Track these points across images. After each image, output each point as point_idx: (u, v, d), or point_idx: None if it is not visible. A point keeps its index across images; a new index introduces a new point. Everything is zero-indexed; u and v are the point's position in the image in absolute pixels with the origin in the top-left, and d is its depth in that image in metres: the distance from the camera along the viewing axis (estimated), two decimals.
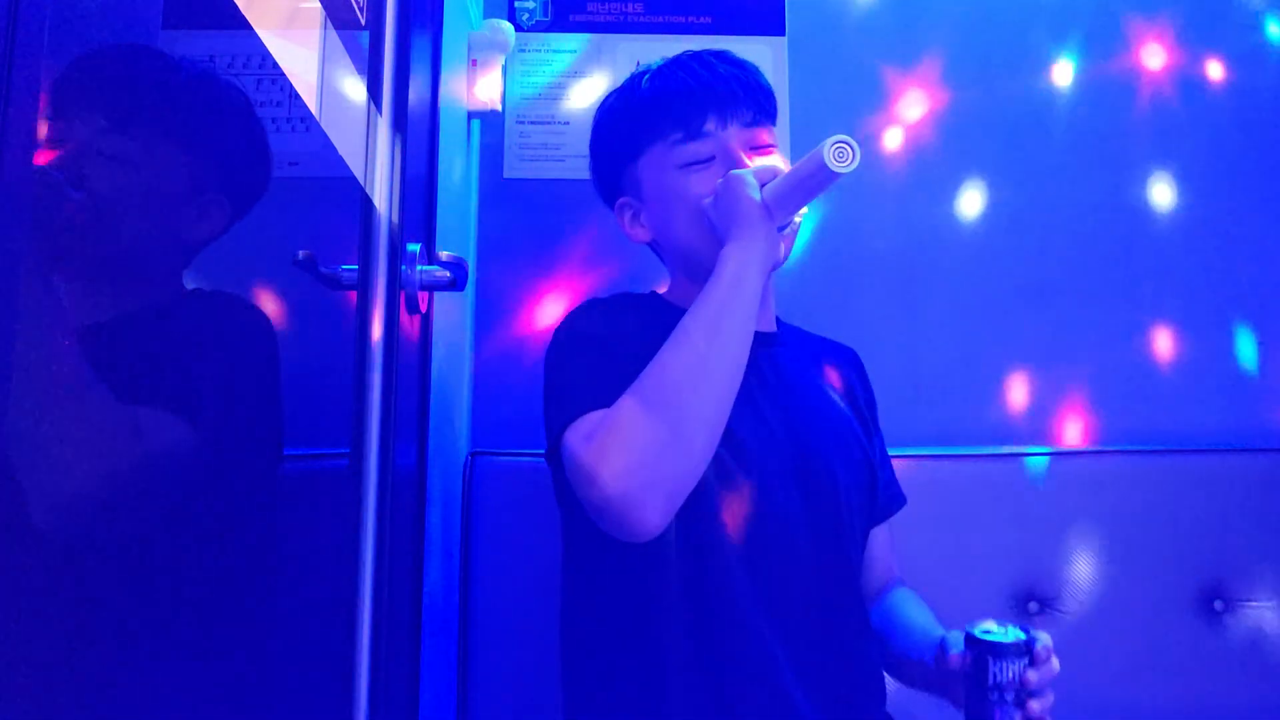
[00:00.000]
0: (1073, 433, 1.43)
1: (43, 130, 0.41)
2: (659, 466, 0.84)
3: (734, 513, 0.93)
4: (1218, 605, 1.29)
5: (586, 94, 1.47)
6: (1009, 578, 1.28)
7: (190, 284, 0.67)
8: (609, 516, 0.85)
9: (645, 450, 0.83)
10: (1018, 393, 1.44)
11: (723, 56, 1.04)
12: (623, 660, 0.94)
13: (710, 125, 0.99)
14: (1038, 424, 1.43)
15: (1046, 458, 1.34)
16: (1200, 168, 1.51)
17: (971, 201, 1.48)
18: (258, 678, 0.68)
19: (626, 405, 0.85)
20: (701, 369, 0.87)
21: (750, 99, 1.01)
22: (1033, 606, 1.28)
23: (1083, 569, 1.29)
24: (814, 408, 1.02)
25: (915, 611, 1.05)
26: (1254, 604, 1.28)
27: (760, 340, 0.95)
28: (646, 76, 1.04)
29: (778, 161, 1.01)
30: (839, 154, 0.85)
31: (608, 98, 1.09)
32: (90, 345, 0.51)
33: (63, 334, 0.46)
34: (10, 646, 0.40)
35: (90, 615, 0.48)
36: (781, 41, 1.50)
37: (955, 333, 1.45)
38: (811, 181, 0.89)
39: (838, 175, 0.86)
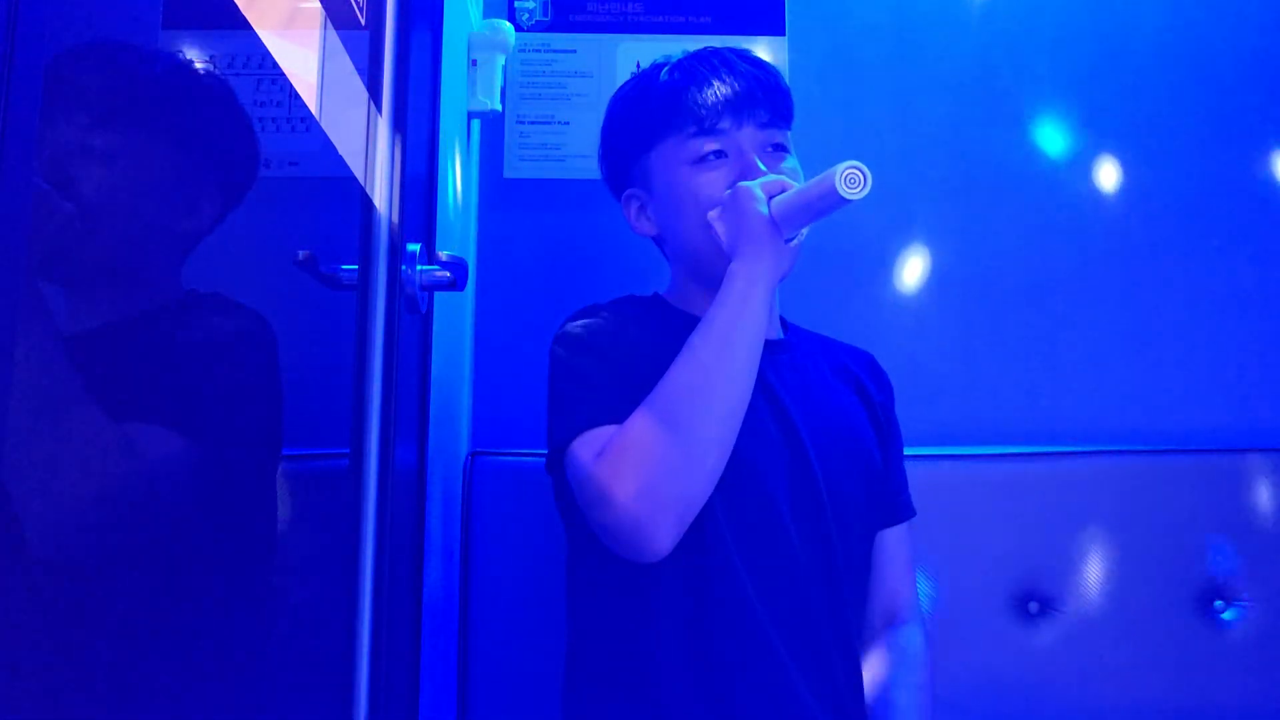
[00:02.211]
0: (1073, 433, 1.43)
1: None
2: (671, 488, 0.84)
3: (734, 521, 0.93)
4: (1218, 605, 1.29)
5: (586, 94, 1.47)
6: (1009, 578, 1.28)
7: (188, 284, 0.67)
8: (620, 537, 0.85)
9: (658, 472, 0.83)
10: (1018, 393, 1.44)
11: (744, 56, 1.03)
12: (624, 664, 0.94)
13: (725, 123, 0.98)
14: (1038, 424, 1.43)
15: (1047, 458, 1.34)
16: (1202, 169, 1.51)
17: (971, 201, 1.48)
18: (258, 678, 0.68)
19: (638, 425, 0.85)
20: (711, 388, 0.87)
21: (768, 100, 1.00)
22: (1033, 606, 1.27)
23: (1082, 569, 1.28)
24: (813, 413, 1.01)
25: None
26: (1254, 604, 1.28)
27: (764, 348, 0.95)
28: (666, 69, 1.03)
29: (792, 163, 1.01)
30: (850, 180, 0.84)
31: (624, 86, 1.09)
32: (85, 353, 0.50)
33: (54, 346, 0.46)
34: (11, 657, 0.40)
35: (89, 620, 0.48)
36: (781, 41, 1.50)
37: (955, 332, 1.45)
38: (821, 203, 0.88)
39: (848, 201, 0.85)
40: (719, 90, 0.99)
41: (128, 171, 0.58)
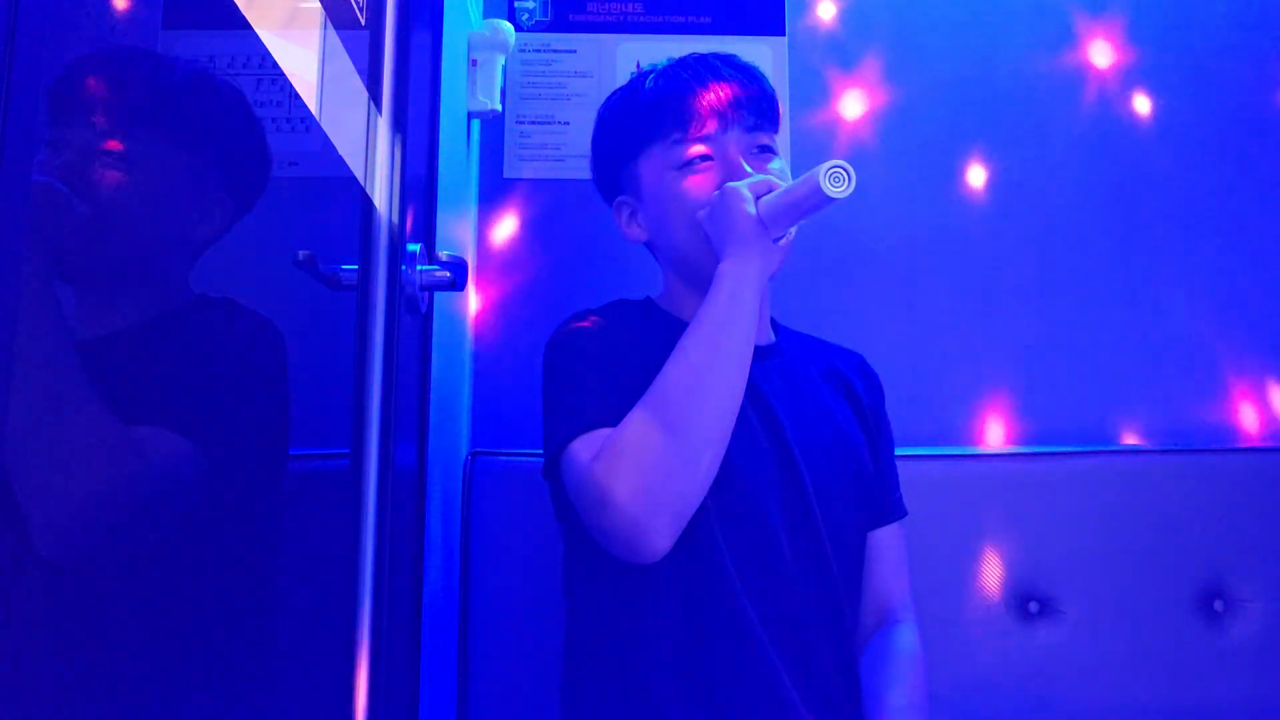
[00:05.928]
0: (1073, 433, 1.43)
1: (44, 137, 0.41)
2: (668, 488, 0.84)
3: (726, 526, 0.93)
4: (1218, 605, 1.29)
5: (586, 94, 1.47)
6: (1009, 578, 1.28)
7: (196, 287, 0.67)
8: (618, 539, 0.85)
9: (655, 472, 0.83)
10: (1017, 392, 1.44)
11: (728, 60, 1.04)
12: (619, 667, 0.94)
13: (711, 128, 0.99)
14: (1037, 423, 1.43)
15: (1047, 458, 1.34)
16: (1200, 166, 1.51)
17: (971, 200, 1.48)
18: (259, 678, 0.68)
19: (634, 426, 0.85)
20: (704, 387, 0.87)
21: (752, 104, 1.00)
22: (1033, 606, 1.28)
23: (1082, 569, 1.28)
24: (801, 418, 1.01)
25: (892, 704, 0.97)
26: (1254, 604, 1.28)
27: (754, 354, 0.95)
28: (651, 76, 1.04)
29: (779, 165, 1.01)
30: (834, 179, 0.85)
31: (612, 95, 1.09)
32: (98, 358, 0.51)
33: (66, 349, 0.46)
34: (17, 655, 0.40)
35: (93, 620, 0.48)
36: (781, 41, 1.50)
37: (955, 332, 1.45)
38: (807, 202, 0.89)
39: (833, 200, 0.85)
40: (704, 96, 0.99)
41: (144, 177, 0.58)
